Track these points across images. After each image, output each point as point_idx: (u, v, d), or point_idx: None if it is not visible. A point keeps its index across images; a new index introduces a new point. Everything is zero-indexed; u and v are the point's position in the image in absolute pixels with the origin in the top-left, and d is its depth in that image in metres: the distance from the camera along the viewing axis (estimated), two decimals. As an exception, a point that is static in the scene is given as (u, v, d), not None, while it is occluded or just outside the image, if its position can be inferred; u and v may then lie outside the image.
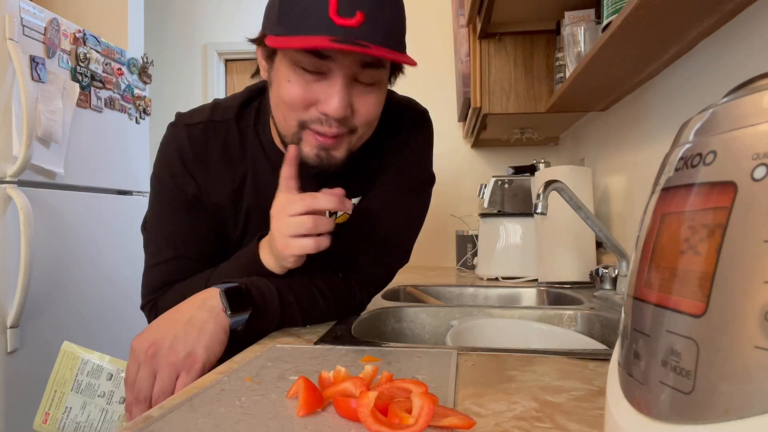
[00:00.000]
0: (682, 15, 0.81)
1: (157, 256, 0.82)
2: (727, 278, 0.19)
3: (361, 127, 0.72)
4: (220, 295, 0.67)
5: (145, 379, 0.62)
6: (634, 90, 1.23)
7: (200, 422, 0.42)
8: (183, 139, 0.80)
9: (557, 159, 2.16)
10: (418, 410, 0.38)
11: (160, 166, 0.82)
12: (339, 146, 0.72)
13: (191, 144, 0.80)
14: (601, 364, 0.59)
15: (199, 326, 0.64)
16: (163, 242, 0.81)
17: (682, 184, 0.23)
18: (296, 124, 0.71)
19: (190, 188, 0.80)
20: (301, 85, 0.68)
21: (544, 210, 1.00)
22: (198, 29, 2.97)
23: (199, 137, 0.80)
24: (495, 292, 1.41)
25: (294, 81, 0.68)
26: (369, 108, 0.71)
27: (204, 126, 0.81)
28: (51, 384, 0.67)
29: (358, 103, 0.70)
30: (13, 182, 1.60)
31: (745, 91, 0.22)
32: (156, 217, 0.83)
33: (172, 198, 0.81)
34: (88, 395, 0.67)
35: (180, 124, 0.81)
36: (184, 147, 0.80)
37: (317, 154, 0.72)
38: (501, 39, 1.64)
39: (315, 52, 0.65)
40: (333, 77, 0.67)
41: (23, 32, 1.64)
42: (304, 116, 0.70)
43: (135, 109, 2.21)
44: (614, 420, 0.25)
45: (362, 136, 0.74)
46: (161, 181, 0.82)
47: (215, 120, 0.81)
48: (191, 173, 0.80)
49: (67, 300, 1.80)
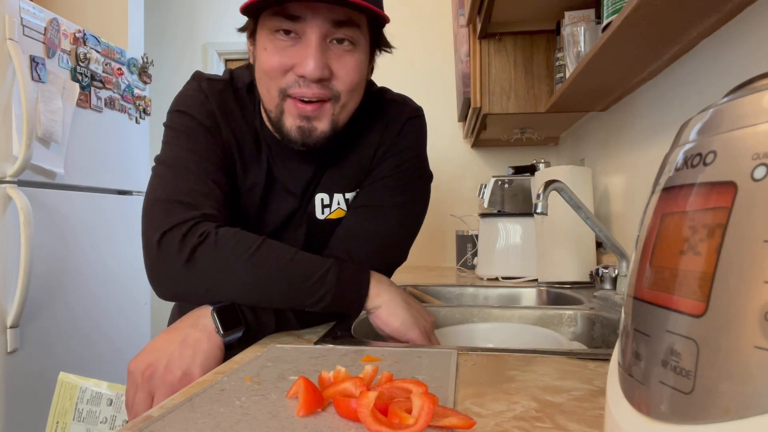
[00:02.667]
0: (682, 15, 0.81)
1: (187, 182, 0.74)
2: (727, 278, 0.19)
3: (344, 93, 0.72)
4: (212, 314, 0.67)
5: (143, 401, 0.62)
6: (634, 90, 1.23)
7: (200, 422, 0.42)
8: (205, 87, 0.79)
9: (557, 159, 2.16)
10: (418, 410, 0.38)
11: (187, 105, 0.78)
12: (321, 116, 0.72)
13: (213, 95, 0.79)
14: (601, 364, 0.59)
15: (194, 346, 0.64)
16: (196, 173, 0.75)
17: (682, 184, 0.23)
18: (277, 94, 0.72)
19: (220, 130, 0.78)
20: (277, 50, 0.69)
21: (544, 210, 1.00)
22: (198, 29, 2.97)
23: (219, 94, 0.80)
24: (495, 292, 1.41)
25: (270, 48, 0.70)
26: (348, 70, 0.71)
27: (224, 84, 0.81)
28: (52, 415, 0.67)
29: (336, 65, 0.70)
30: (13, 182, 1.60)
31: (745, 91, 0.22)
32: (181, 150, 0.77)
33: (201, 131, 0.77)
34: (91, 423, 0.67)
35: (203, 78, 0.81)
36: (204, 96, 0.79)
37: (299, 126, 0.72)
38: (501, 39, 1.64)
39: (286, 14, 0.67)
40: (307, 38, 0.68)
41: (23, 32, 1.64)
42: (282, 83, 0.71)
43: (135, 109, 2.21)
44: (614, 420, 0.25)
45: (346, 105, 0.73)
46: (188, 117, 0.78)
47: (235, 85, 0.82)
48: (219, 117, 0.79)
49: (67, 300, 1.80)
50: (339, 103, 0.72)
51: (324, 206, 0.85)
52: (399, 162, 0.85)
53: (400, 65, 2.27)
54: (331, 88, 0.71)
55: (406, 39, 2.29)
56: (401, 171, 0.85)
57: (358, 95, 0.76)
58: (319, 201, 0.85)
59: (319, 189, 0.84)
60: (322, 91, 0.70)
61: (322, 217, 0.85)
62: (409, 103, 0.89)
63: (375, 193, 0.84)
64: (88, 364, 1.88)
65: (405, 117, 0.86)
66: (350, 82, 0.72)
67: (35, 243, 1.63)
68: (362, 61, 0.73)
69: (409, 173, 0.86)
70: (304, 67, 0.68)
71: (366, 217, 0.83)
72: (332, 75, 0.70)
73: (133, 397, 0.62)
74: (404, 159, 0.85)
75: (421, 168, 0.89)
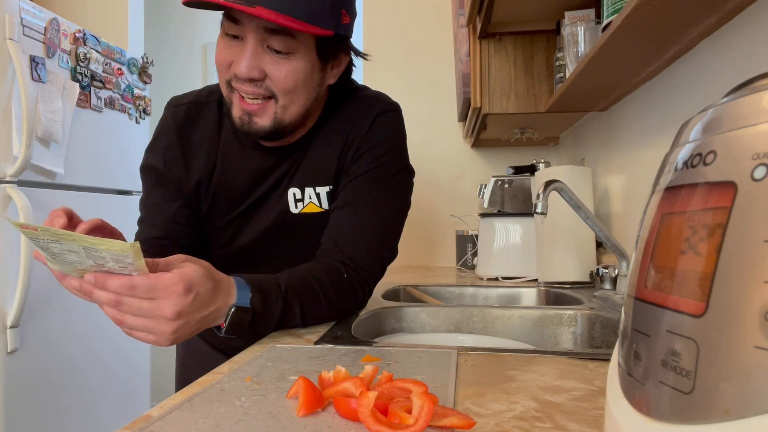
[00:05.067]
0: (682, 15, 0.81)
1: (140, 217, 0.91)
2: (727, 278, 0.19)
3: (280, 94, 0.77)
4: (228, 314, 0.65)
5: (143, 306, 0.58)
6: (634, 90, 1.23)
7: (200, 422, 0.42)
8: (169, 118, 0.89)
9: (557, 159, 2.16)
10: (418, 410, 0.38)
11: (153, 145, 0.90)
12: (262, 114, 0.78)
13: (175, 123, 0.89)
14: (601, 364, 0.59)
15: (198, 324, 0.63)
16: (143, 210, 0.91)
17: (682, 184, 0.23)
18: (226, 86, 0.79)
19: (177, 165, 0.88)
20: (223, 47, 0.77)
21: (544, 210, 1.00)
22: (198, 29, 2.97)
23: (183, 116, 0.89)
24: (495, 292, 1.41)
25: (219, 44, 0.78)
26: (281, 75, 0.76)
27: (188, 107, 0.90)
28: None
29: (270, 69, 0.75)
30: (13, 182, 1.60)
31: (745, 91, 0.22)
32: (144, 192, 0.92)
33: (158, 174, 0.89)
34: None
35: (170, 105, 0.91)
36: (169, 127, 0.89)
37: (240, 117, 0.79)
38: (501, 39, 1.64)
39: (229, 16, 0.74)
40: (245, 41, 0.74)
41: (23, 32, 1.64)
42: (227, 75, 0.77)
43: (135, 109, 2.21)
44: (614, 420, 0.25)
45: (286, 107, 0.78)
46: (151, 158, 0.90)
47: (200, 101, 0.90)
48: (176, 150, 0.88)
49: (67, 300, 1.80)
50: (279, 103, 0.78)
51: (297, 201, 0.88)
52: (374, 157, 0.87)
53: (401, 65, 2.27)
54: (266, 88, 0.77)
55: (406, 39, 2.29)
56: (378, 166, 0.87)
57: (302, 98, 0.80)
58: (292, 195, 0.88)
59: (292, 184, 0.88)
60: (256, 90, 0.76)
61: (296, 211, 0.89)
62: (382, 98, 0.91)
63: (355, 190, 0.86)
64: (88, 364, 1.88)
65: (375, 112, 0.88)
66: (283, 86, 0.77)
67: (35, 243, 1.63)
68: (300, 67, 0.77)
69: (386, 168, 0.87)
70: (238, 66, 0.75)
71: (349, 215, 0.85)
72: (266, 77, 0.76)
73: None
74: (379, 154, 0.87)
75: (400, 163, 0.90)
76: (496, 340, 0.93)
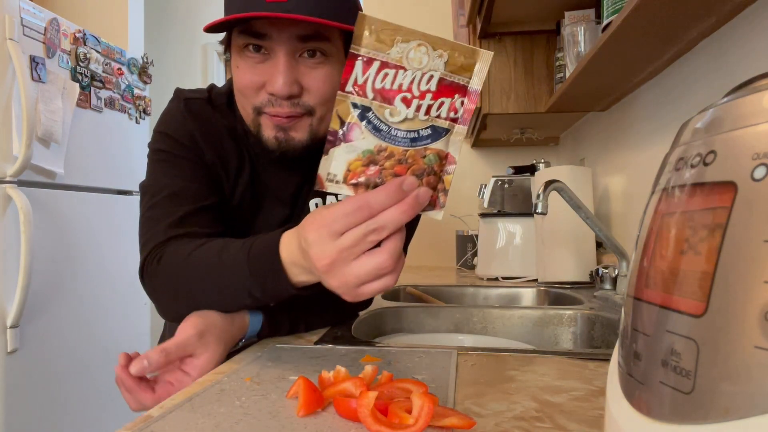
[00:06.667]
0: (682, 15, 0.81)
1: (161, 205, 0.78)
2: (727, 278, 0.19)
3: (318, 106, 0.71)
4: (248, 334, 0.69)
5: None
6: (634, 90, 1.23)
7: (200, 422, 0.42)
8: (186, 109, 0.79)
9: (557, 159, 2.16)
10: (418, 410, 0.38)
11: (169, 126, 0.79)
12: (298, 127, 0.72)
13: (195, 116, 0.79)
14: (601, 364, 0.59)
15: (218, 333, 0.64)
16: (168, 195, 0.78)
17: (682, 185, 0.23)
18: (252, 110, 0.72)
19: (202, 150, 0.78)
20: (248, 68, 0.69)
21: (544, 210, 1.00)
22: (198, 29, 2.97)
23: (199, 113, 0.79)
24: (495, 292, 1.41)
25: (241, 66, 0.70)
26: (319, 83, 0.70)
27: (203, 103, 0.81)
28: None
29: (306, 79, 0.69)
30: (13, 182, 1.60)
31: (745, 91, 0.22)
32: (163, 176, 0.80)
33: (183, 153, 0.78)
34: None
35: (182, 97, 0.81)
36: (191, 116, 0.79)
37: (275, 136, 0.71)
38: (501, 39, 1.64)
39: (252, 32, 0.67)
40: (275, 56, 0.68)
41: (23, 32, 1.64)
42: (256, 101, 0.70)
43: (135, 109, 2.21)
44: (614, 420, 0.25)
45: (323, 117, 0.73)
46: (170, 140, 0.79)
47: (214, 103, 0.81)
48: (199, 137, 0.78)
49: (67, 300, 1.80)
50: (315, 116, 0.72)
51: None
52: None
53: (400, 65, 2.27)
54: (303, 105, 0.70)
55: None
56: None
57: (332, 103, 0.76)
58: (314, 206, 0.84)
59: (312, 195, 0.84)
60: (294, 110, 0.70)
61: None
62: None
63: None
64: (88, 364, 1.88)
65: None
66: (322, 96, 0.71)
67: (35, 243, 1.63)
68: (335, 71, 0.73)
69: None
70: (273, 84, 0.68)
71: None
72: (302, 90, 0.70)
73: None
74: None
75: None
76: (496, 340, 0.93)
